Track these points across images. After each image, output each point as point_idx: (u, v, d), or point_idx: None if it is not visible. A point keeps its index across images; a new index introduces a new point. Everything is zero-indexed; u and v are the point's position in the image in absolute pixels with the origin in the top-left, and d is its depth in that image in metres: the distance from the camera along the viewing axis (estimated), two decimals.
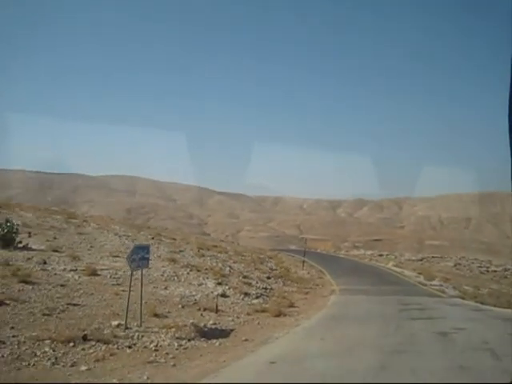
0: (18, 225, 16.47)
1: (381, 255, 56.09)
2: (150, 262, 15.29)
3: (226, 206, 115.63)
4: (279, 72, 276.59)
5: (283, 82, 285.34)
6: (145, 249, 11.26)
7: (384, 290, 22.61)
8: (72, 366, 7.95)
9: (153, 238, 21.30)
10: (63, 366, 7.91)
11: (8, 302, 10.69)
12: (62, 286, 12.70)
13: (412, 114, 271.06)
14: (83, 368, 7.85)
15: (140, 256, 10.68)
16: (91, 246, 17.81)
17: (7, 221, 16.06)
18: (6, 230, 15.63)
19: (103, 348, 8.91)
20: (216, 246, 27.19)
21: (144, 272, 13.44)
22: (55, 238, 18.10)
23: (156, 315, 11.57)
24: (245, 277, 18.76)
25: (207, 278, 16.41)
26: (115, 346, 9.13)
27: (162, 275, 15.28)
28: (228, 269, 19.38)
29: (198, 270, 17.18)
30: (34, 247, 16.22)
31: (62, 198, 69.00)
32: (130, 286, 10.44)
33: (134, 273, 11.92)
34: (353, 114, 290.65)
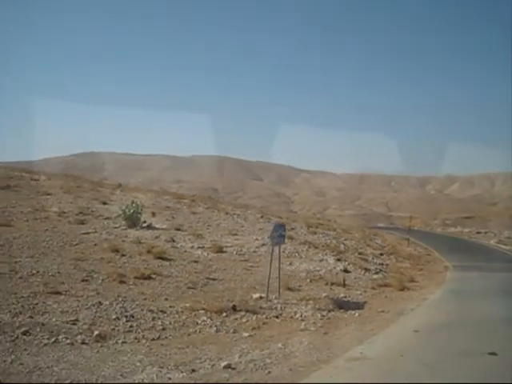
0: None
1: (479, 232, 54.52)
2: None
3: (312, 184, 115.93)
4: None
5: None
6: (282, 227, 11.98)
7: (497, 267, 22.27)
8: (234, 332, 8.82)
9: (262, 217, 22.19)
10: (226, 332, 8.80)
11: (154, 276, 11.83)
12: (195, 262, 13.77)
13: None
14: (245, 334, 8.70)
15: (278, 234, 11.41)
16: (208, 225, 18.91)
17: (133, 202, 17.42)
18: (132, 211, 16.97)
19: (254, 318, 9.73)
20: (322, 224, 27.83)
21: (267, 249, 14.28)
22: (173, 218, 19.37)
23: (289, 289, 12.33)
24: (360, 253, 19.28)
25: (325, 254, 17.06)
26: (263, 316, 9.93)
27: (284, 252, 16.04)
28: (342, 246, 19.96)
29: (316, 247, 17.85)
30: (156, 226, 17.48)
31: (152, 178, 72.12)
32: (271, 262, 11.19)
33: (257, 249, 12.75)
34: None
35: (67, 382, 5.96)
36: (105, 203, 20.37)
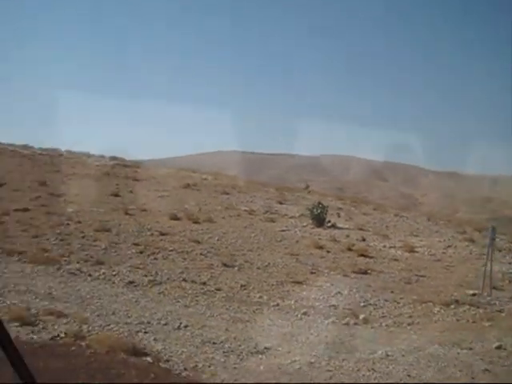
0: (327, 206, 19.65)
1: None
2: (449, 240, 17.43)
3: (440, 185, 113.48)
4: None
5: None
6: (494, 229, 13.24)
7: None
8: (473, 322, 10.30)
9: (428, 220, 23.26)
10: (466, 321, 10.31)
11: (369, 271, 13.57)
12: (395, 260, 15.32)
13: None
14: (486, 324, 10.14)
15: (491, 236, 12.72)
16: (386, 226, 20.41)
17: (319, 203, 19.34)
18: (319, 211, 18.87)
19: (480, 311, 11.11)
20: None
21: (454, 251, 15.57)
22: (351, 218, 21.08)
23: (494, 287, 13.51)
24: None
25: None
26: (487, 310, 11.27)
27: (470, 253, 17.12)
28: None
29: (499, 250, 18.73)
30: (340, 226, 19.25)
31: (278, 177, 74.71)
32: (489, 260, 12.48)
33: (445, 251, 14.08)
34: None
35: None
36: (281, 203, 22.49)
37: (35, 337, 7.01)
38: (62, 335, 7.10)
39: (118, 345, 6.73)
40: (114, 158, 29.24)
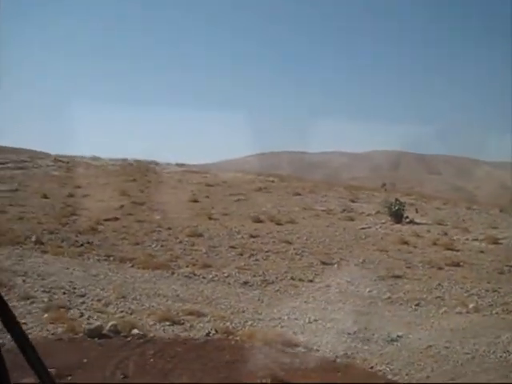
0: (405, 203, 20.09)
1: None
2: None
3: (495, 176, 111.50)
4: None
5: None
6: None
7: None
8: None
9: (501, 211, 23.36)
10: None
11: (461, 263, 13.98)
12: (481, 252, 15.65)
13: None
14: None
15: None
16: (463, 219, 20.73)
17: (396, 199, 19.81)
18: (397, 207, 19.32)
19: None
20: None
21: None
22: (426, 213, 21.45)
23: None
24: None
25: None
26: None
27: None
28: None
29: None
30: (417, 221, 19.65)
31: (330, 175, 74.99)
32: None
33: None
34: None
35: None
36: (353, 201, 23.01)
37: (191, 334, 7.76)
38: (213, 332, 7.83)
39: (268, 338, 7.41)
40: (181, 165, 30.27)
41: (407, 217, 19.40)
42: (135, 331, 7.31)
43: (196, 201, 21.23)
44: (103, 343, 6.89)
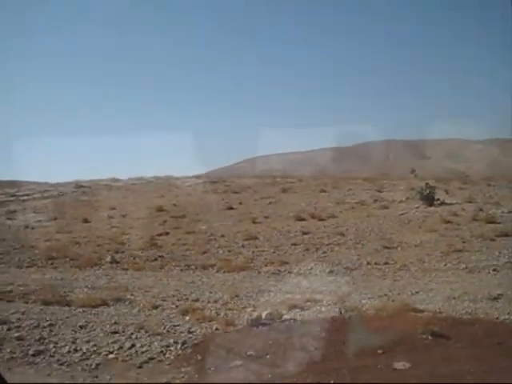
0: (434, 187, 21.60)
1: None
2: None
3: (484, 155, 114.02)
4: None
5: None
6: None
7: None
8: None
9: None
10: None
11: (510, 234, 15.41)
12: None
13: None
14: None
15: None
16: (490, 195, 22.29)
17: (427, 184, 21.35)
18: (427, 191, 20.81)
19: None
20: None
21: None
22: (453, 194, 22.99)
23: None
24: None
25: None
26: None
27: None
28: None
29: None
30: (447, 202, 21.14)
31: (321, 170, 76.66)
32: None
33: None
34: None
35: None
36: (380, 191, 24.45)
37: (325, 315, 9.04)
38: (344, 310, 9.09)
39: (397, 309, 8.69)
40: (198, 177, 31.48)
41: (438, 199, 20.81)
42: (285, 317, 8.56)
43: (231, 208, 22.40)
44: (266, 329, 8.09)
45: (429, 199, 20.53)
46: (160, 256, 15.39)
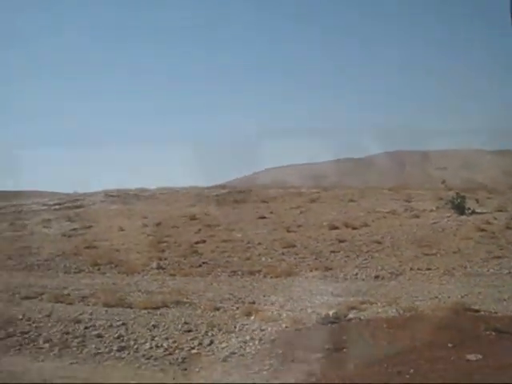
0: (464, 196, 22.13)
1: None
2: None
3: (497, 165, 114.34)
4: None
5: None
6: None
7: None
8: None
9: None
10: None
11: None
12: None
13: None
14: None
15: None
16: None
17: (457, 193, 21.89)
18: (459, 201, 21.36)
19: None
20: None
21: None
22: (483, 204, 23.49)
23: None
24: None
25: None
26: None
27: None
28: None
29: None
30: (478, 211, 21.67)
31: (338, 182, 77.12)
32: None
33: None
34: None
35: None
36: (408, 201, 25.00)
37: (383, 315, 9.65)
38: (401, 311, 9.70)
39: (453, 308, 9.30)
40: (223, 187, 32.20)
41: (469, 208, 21.35)
42: (350, 316, 9.19)
43: (263, 217, 23.01)
44: (336, 326, 8.72)
45: (460, 208, 21.05)
46: (204, 262, 16.00)
